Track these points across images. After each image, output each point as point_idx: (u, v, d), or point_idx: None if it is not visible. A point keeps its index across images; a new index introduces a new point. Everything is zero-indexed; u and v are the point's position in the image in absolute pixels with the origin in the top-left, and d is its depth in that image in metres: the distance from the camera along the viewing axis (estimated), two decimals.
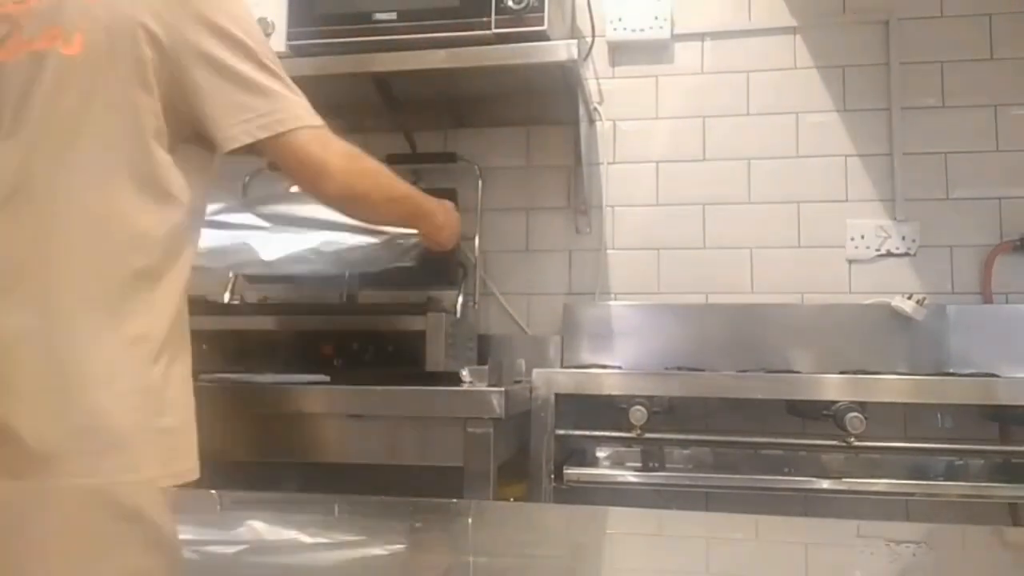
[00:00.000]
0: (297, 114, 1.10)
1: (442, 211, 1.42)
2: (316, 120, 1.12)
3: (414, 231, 1.42)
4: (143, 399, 1.04)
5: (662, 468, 1.46)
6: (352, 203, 1.21)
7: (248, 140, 1.07)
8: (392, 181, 1.24)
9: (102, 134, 1.05)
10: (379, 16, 1.63)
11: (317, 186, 1.15)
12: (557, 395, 1.42)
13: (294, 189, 1.40)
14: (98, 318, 1.03)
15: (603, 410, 1.50)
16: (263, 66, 1.09)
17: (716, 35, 1.99)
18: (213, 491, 1.03)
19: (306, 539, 0.59)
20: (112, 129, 1.05)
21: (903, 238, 1.87)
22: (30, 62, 1.06)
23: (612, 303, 1.95)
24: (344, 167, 1.14)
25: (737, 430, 1.50)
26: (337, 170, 1.13)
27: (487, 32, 1.58)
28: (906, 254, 1.87)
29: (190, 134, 1.10)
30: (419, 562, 0.50)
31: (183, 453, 1.08)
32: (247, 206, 1.54)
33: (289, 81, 1.12)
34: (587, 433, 1.47)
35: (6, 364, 1.01)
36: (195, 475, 1.08)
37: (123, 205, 1.05)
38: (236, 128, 1.07)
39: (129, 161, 1.05)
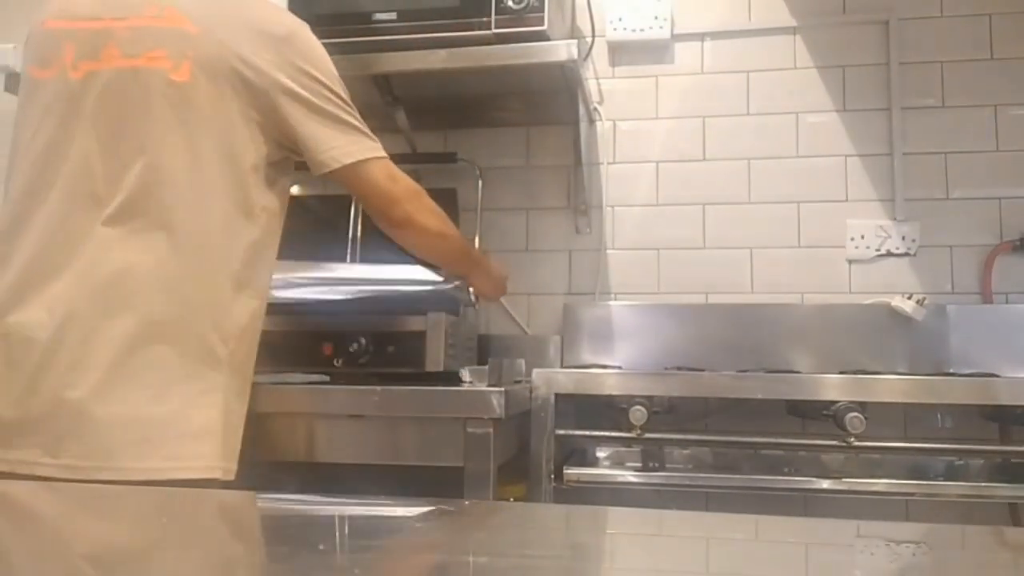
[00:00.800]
0: (371, 146, 1.25)
1: (491, 265, 1.60)
2: (383, 153, 1.27)
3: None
4: (223, 395, 1.13)
5: (662, 468, 1.46)
6: (411, 230, 1.32)
7: (336, 166, 1.21)
8: (447, 220, 1.37)
9: (209, 156, 1.15)
10: (379, 16, 1.63)
11: (384, 210, 1.29)
12: (557, 395, 1.42)
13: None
14: (192, 321, 1.12)
15: (603, 410, 1.50)
16: (341, 105, 1.23)
17: (716, 35, 1.99)
18: (212, 491, 1.03)
19: (306, 539, 0.59)
20: (217, 151, 1.15)
21: (903, 238, 1.87)
22: (130, 78, 1.14)
23: (612, 303, 1.95)
24: (408, 198, 1.29)
25: (737, 430, 1.49)
26: (402, 199, 1.28)
27: (487, 32, 1.58)
28: (906, 254, 1.87)
29: (279, 159, 1.23)
30: (419, 562, 0.50)
31: (234, 450, 1.16)
32: None
33: (359, 117, 1.26)
34: (587, 433, 1.47)
35: (96, 357, 1.07)
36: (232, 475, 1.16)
37: (221, 222, 1.15)
38: (324, 155, 1.20)
39: (229, 181, 1.16)
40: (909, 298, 1.77)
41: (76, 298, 1.09)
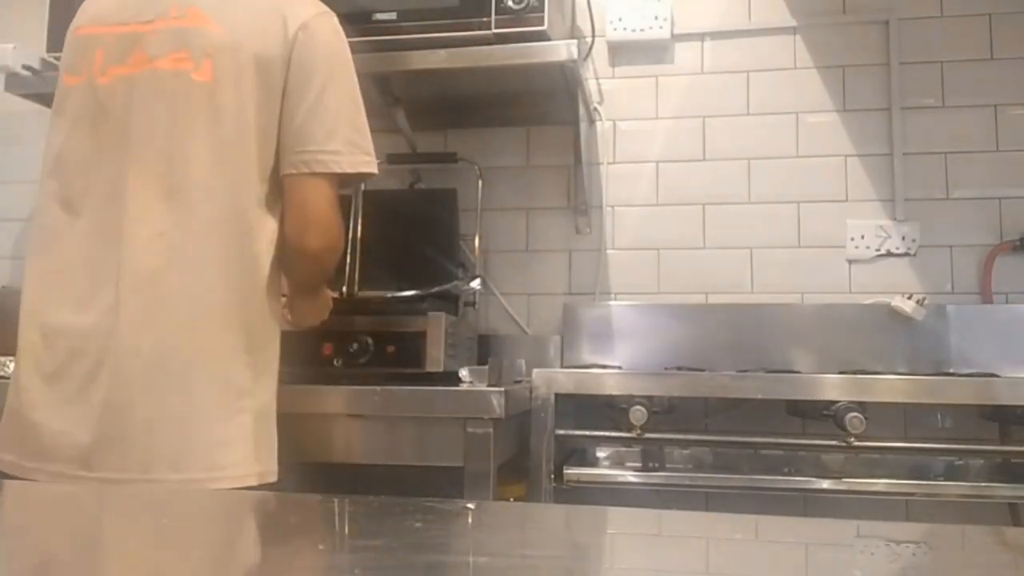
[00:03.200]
0: (364, 160, 1.20)
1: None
2: (374, 167, 1.22)
3: None
4: (255, 400, 1.15)
5: (662, 468, 1.46)
6: (314, 261, 1.22)
7: (351, 170, 1.17)
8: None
9: (235, 154, 1.13)
10: (379, 16, 1.63)
11: (309, 233, 1.19)
12: (557, 395, 1.42)
13: None
14: (225, 324, 1.12)
15: (603, 410, 1.50)
16: (346, 104, 1.20)
17: (716, 35, 1.99)
18: (209, 491, 1.03)
19: (306, 539, 0.59)
20: (242, 149, 1.14)
21: (903, 238, 1.87)
22: (155, 80, 1.13)
23: (612, 303, 1.95)
24: (336, 233, 1.21)
25: (737, 430, 1.50)
26: (330, 233, 1.20)
27: (487, 32, 1.58)
28: (906, 254, 1.87)
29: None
30: (419, 562, 0.50)
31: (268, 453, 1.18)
32: None
33: (364, 115, 1.23)
34: (587, 433, 1.47)
35: (133, 366, 1.07)
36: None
37: (249, 222, 1.14)
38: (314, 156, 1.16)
39: (253, 177, 1.14)
40: (909, 298, 1.77)
41: (117, 306, 1.08)
